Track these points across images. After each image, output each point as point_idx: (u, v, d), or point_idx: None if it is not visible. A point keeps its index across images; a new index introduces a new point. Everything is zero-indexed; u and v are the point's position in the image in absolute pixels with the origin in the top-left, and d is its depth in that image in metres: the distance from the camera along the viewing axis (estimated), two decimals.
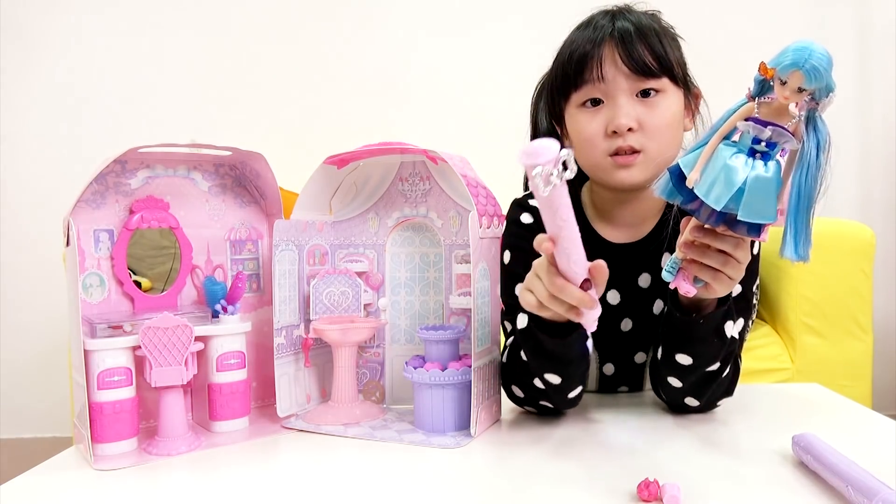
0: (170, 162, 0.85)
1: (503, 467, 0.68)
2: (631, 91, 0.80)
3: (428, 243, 0.92)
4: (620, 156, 0.80)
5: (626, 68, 0.79)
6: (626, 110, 0.79)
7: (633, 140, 0.79)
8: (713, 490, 0.59)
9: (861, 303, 1.72)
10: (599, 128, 0.81)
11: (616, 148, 0.80)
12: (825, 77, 0.52)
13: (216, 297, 0.83)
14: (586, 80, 0.81)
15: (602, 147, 0.81)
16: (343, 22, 2.32)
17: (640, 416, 0.82)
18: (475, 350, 0.76)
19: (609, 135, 0.80)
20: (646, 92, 0.80)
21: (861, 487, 0.53)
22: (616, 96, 0.80)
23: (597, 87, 0.81)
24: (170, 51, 2.28)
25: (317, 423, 0.83)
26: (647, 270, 0.87)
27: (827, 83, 0.53)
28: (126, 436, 0.74)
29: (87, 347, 0.72)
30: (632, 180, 0.81)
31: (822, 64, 0.51)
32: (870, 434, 0.75)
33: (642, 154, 0.80)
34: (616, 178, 0.82)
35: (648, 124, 0.79)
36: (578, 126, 0.84)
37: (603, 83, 0.80)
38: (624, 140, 0.79)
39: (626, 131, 0.79)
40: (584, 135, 0.83)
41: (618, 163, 0.81)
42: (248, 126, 2.21)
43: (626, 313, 0.89)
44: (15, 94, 2.21)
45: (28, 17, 2.21)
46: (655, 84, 0.80)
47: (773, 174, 0.56)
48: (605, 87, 0.80)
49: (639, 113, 0.80)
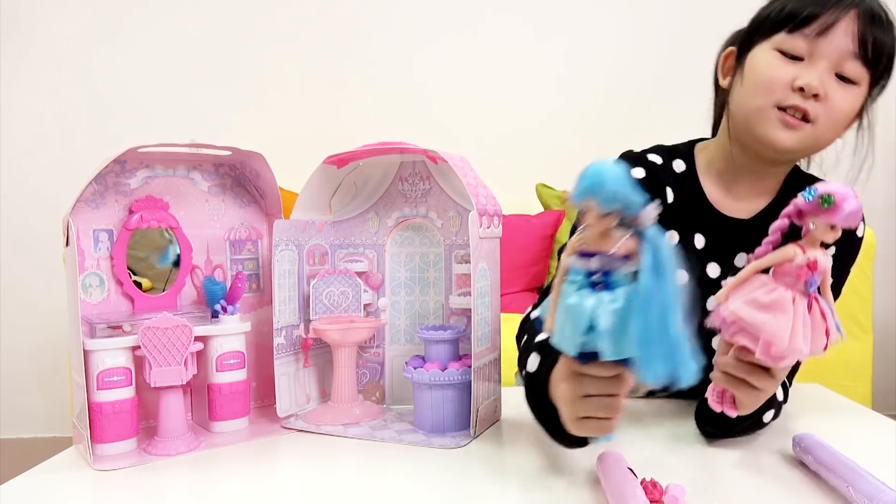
0: (169, 162, 0.85)
1: (503, 467, 0.68)
2: (836, 65, 0.76)
3: (428, 243, 0.92)
4: (788, 115, 0.76)
5: (853, 46, 0.75)
6: (823, 77, 0.75)
7: (811, 107, 0.76)
8: (714, 490, 0.59)
9: (861, 303, 1.72)
10: (787, 76, 0.76)
11: (791, 105, 0.76)
12: (621, 197, 0.47)
13: (216, 297, 0.83)
14: (803, 31, 0.76)
15: (778, 95, 0.76)
16: (343, 22, 2.32)
17: (641, 417, 0.82)
18: (475, 350, 0.76)
19: (794, 89, 0.76)
20: (844, 77, 0.76)
21: (861, 488, 0.53)
22: (819, 62, 0.76)
23: (811, 42, 0.76)
24: (170, 51, 2.28)
25: (317, 423, 0.83)
26: (747, 250, 0.78)
27: (627, 200, 0.47)
28: (126, 436, 0.74)
29: (86, 347, 0.72)
30: (786, 144, 0.77)
31: (612, 182, 0.47)
32: (870, 434, 0.75)
33: (811, 126, 0.76)
34: (772, 135, 0.77)
35: (833, 103, 0.76)
36: (765, 64, 0.78)
37: (818, 40, 0.75)
38: (804, 101, 0.75)
39: (812, 96, 0.75)
40: (767, 75, 0.78)
41: (784, 119, 0.76)
42: (247, 126, 2.21)
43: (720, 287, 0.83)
44: (15, 94, 2.21)
45: (28, 16, 2.21)
46: (858, 73, 0.76)
47: (621, 302, 0.48)
48: (817, 48, 0.76)
49: (830, 87, 0.76)
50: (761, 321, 0.59)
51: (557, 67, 2.32)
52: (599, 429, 0.58)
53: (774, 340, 0.58)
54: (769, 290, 0.60)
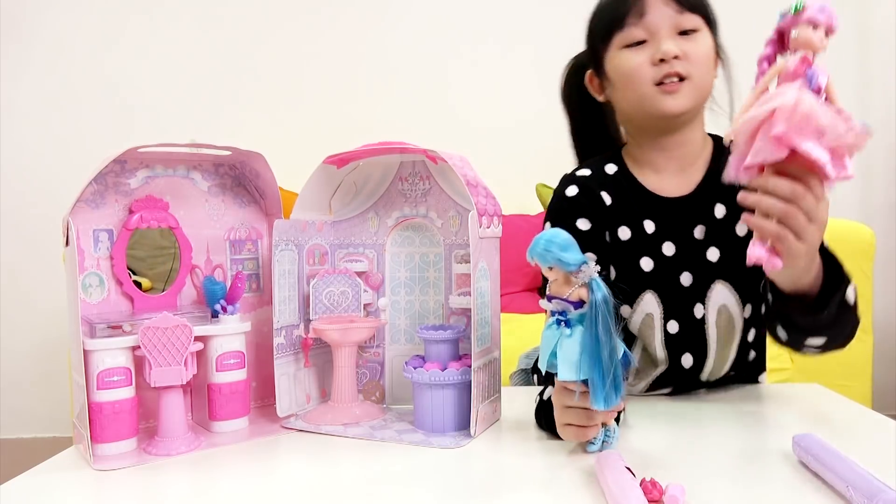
0: (169, 162, 0.85)
1: (503, 467, 0.68)
2: (674, 28, 0.84)
3: (428, 243, 0.92)
4: (666, 84, 0.83)
5: (674, 6, 0.83)
6: (670, 41, 0.83)
7: (680, 66, 0.83)
8: (714, 490, 0.59)
9: (861, 303, 1.72)
10: (645, 59, 0.84)
11: (663, 75, 0.83)
12: (554, 256, 0.61)
13: (216, 297, 0.83)
14: (630, 20, 0.85)
15: (649, 75, 0.84)
16: (344, 22, 2.32)
17: (641, 417, 0.82)
18: (475, 350, 0.76)
19: (656, 63, 0.83)
20: (685, 32, 0.84)
21: (862, 488, 0.53)
22: (658, 32, 0.84)
23: (641, 25, 0.84)
24: (170, 51, 2.28)
25: (317, 423, 0.83)
26: (701, 222, 0.89)
27: (560, 259, 0.61)
28: (125, 436, 0.74)
29: (86, 347, 0.72)
30: (678, 107, 0.84)
31: (542, 248, 0.62)
32: (870, 434, 0.75)
33: (688, 81, 0.84)
34: (663, 106, 0.84)
35: (692, 54, 0.83)
36: (622, 63, 0.86)
37: (647, 19, 0.84)
38: (671, 66, 0.83)
39: (672, 58, 0.82)
40: (629, 67, 0.85)
41: (664, 90, 0.84)
42: (247, 126, 2.21)
43: (683, 266, 0.88)
44: (15, 93, 2.21)
45: (28, 16, 2.21)
46: (694, 22, 0.84)
47: (575, 336, 0.62)
48: (647, 25, 0.84)
49: (682, 45, 0.83)
50: (771, 105, 0.59)
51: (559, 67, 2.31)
52: (577, 434, 0.67)
53: (789, 106, 0.57)
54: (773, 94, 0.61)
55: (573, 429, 0.67)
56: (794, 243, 0.64)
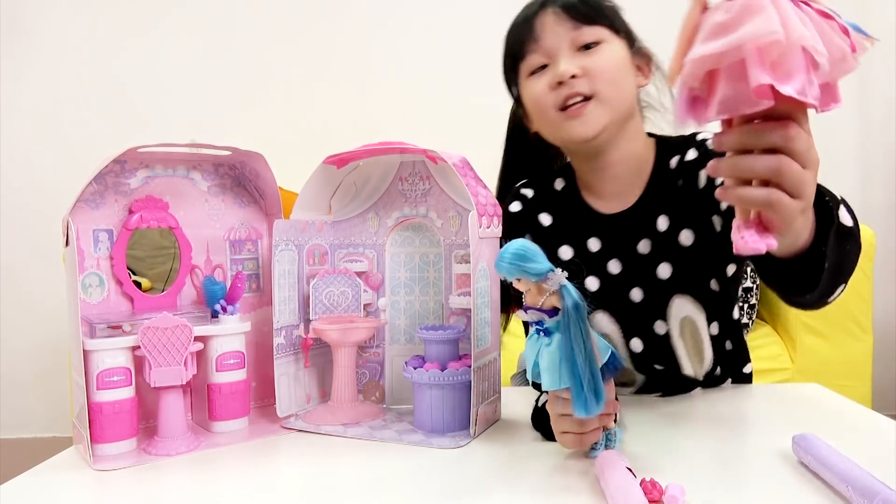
0: (169, 162, 0.85)
1: (503, 467, 0.68)
2: (572, 46, 0.80)
3: (428, 243, 0.92)
4: (570, 108, 0.80)
5: (563, 16, 0.80)
6: (567, 61, 0.80)
7: (581, 86, 0.79)
8: (713, 490, 0.59)
9: (861, 303, 1.72)
10: (545, 85, 0.81)
11: (564, 98, 0.80)
12: (519, 268, 0.60)
13: (215, 297, 0.83)
14: (527, 46, 0.83)
15: (550, 101, 0.81)
16: (344, 22, 2.32)
17: (640, 417, 0.82)
18: (475, 350, 0.76)
19: (554, 87, 0.80)
20: (587, 46, 0.80)
21: (861, 488, 0.53)
22: (557, 54, 0.81)
23: (538, 50, 0.82)
24: (170, 51, 2.28)
25: (316, 423, 0.83)
26: (645, 236, 0.86)
27: (526, 270, 0.60)
28: (125, 436, 0.74)
29: (86, 347, 0.72)
30: (587, 131, 0.80)
31: (507, 261, 0.60)
32: (870, 434, 0.75)
33: (594, 99, 0.80)
34: (570, 132, 0.81)
35: (593, 68, 0.79)
36: (529, 92, 0.84)
37: (542, 43, 0.81)
38: (571, 87, 0.79)
39: (570, 78, 0.79)
40: (534, 95, 0.83)
41: (569, 115, 0.81)
42: (247, 126, 2.21)
43: (631, 283, 0.87)
44: (15, 94, 2.21)
45: (28, 16, 2.21)
46: (594, 34, 0.80)
47: (553, 345, 0.62)
48: (546, 48, 0.81)
49: (581, 61, 0.80)
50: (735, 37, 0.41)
51: None
52: (575, 442, 0.66)
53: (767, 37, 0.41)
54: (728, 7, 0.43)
55: (570, 436, 0.66)
56: (789, 204, 0.47)
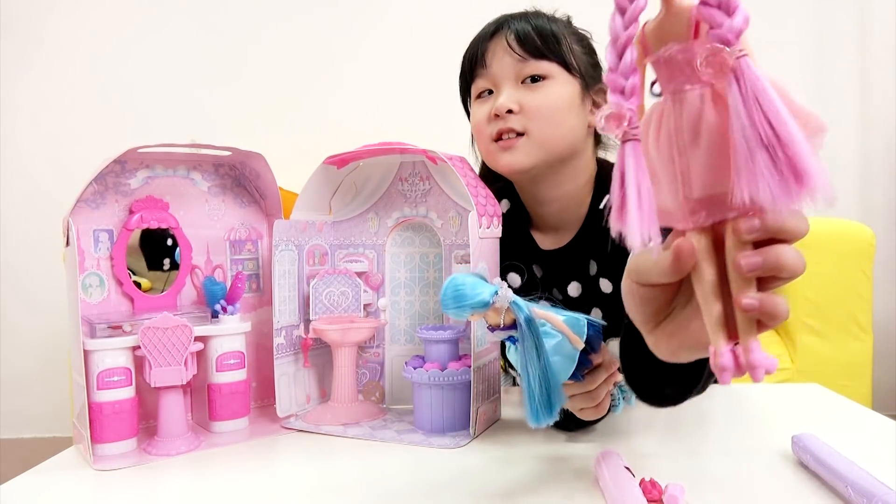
0: (169, 162, 0.85)
1: (503, 467, 0.68)
2: (517, 77, 0.80)
3: (428, 243, 0.92)
4: (503, 140, 0.81)
5: (510, 48, 0.79)
6: (507, 94, 0.80)
7: (515, 122, 0.79)
8: (713, 490, 0.59)
9: (861, 303, 1.72)
10: (485, 114, 0.82)
11: (498, 131, 0.80)
12: (468, 305, 0.59)
13: (216, 297, 0.83)
14: (477, 70, 0.83)
15: (487, 132, 0.82)
16: (344, 22, 2.32)
17: (640, 417, 0.82)
18: (475, 350, 0.76)
19: (492, 118, 0.81)
20: (534, 79, 0.80)
21: (861, 488, 0.53)
22: (501, 83, 0.81)
23: (486, 76, 0.82)
24: (169, 50, 2.28)
25: (317, 423, 0.83)
26: (575, 279, 0.86)
27: (474, 305, 0.59)
28: (126, 436, 0.74)
29: (86, 347, 0.72)
30: (513, 164, 0.81)
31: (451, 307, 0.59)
32: (870, 434, 0.75)
33: (525, 137, 0.80)
34: (500, 163, 0.82)
35: (530, 106, 0.79)
36: (473, 116, 0.85)
37: (489, 69, 0.81)
38: (505, 122, 0.79)
39: (507, 113, 0.79)
40: (475, 122, 0.84)
41: (501, 146, 0.81)
42: (247, 126, 2.21)
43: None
44: (15, 94, 2.21)
45: (28, 16, 2.21)
46: (541, 69, 0.79)
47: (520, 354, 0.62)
48: (492, 76, 0.81)
49: (522, 97, 0.79)
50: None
51: None
52: (595, 413, 0.68)
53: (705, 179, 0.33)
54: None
55: (588, 411, 0.68)
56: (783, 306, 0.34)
